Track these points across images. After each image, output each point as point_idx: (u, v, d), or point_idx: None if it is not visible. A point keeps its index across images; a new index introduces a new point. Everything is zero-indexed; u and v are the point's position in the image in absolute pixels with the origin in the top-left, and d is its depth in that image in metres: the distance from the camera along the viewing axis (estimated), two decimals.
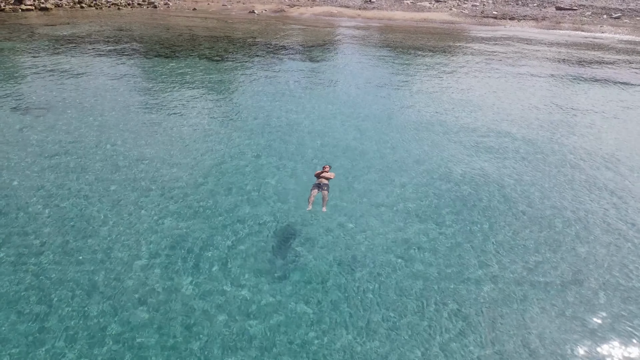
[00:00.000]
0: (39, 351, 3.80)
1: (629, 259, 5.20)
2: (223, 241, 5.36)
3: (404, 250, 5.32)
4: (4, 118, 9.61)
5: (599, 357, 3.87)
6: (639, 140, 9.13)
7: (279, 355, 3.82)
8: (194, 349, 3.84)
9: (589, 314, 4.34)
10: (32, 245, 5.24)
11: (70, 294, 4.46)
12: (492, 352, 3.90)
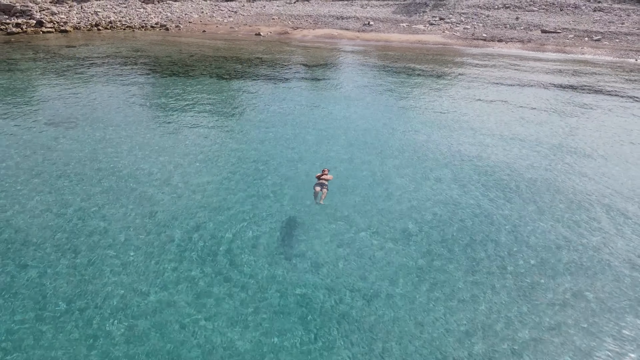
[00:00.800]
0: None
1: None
2: (258, 220, 6.48)
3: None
4: (41, 130, 10.79)
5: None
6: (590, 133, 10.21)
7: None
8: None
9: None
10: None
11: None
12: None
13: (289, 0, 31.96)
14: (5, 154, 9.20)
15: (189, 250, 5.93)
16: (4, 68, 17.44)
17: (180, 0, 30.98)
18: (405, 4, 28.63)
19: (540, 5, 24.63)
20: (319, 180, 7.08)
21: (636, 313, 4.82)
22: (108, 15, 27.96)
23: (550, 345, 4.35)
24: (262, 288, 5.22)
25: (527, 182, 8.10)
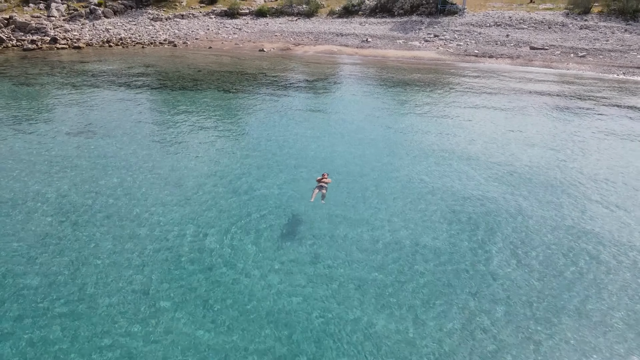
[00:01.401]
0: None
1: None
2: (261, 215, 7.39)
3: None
4: (64, 139, 11.75)
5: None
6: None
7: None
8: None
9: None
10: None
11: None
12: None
13: (291, 17, 33.29)
14: (37, 159, 10.16)
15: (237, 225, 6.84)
16: (23, 82, 18.52)
17: (187, 18, 32.31)
18: (402, 21, 29.88)
19: (529, 23, 25.82)
20: (319, 183, 7.99)
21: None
22: (119, 32, 29.24)
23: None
24: (271, 258, 6.13)
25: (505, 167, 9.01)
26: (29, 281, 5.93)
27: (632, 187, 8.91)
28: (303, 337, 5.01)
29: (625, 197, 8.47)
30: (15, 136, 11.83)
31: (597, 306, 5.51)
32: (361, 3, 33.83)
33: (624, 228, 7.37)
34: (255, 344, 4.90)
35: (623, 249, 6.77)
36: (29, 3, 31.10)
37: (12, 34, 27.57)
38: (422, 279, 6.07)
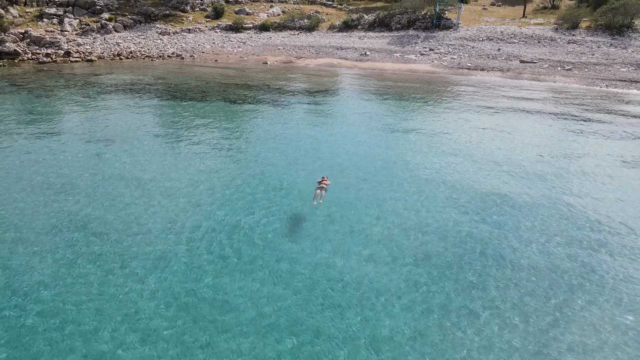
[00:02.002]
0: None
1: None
2: (269, 214, 8.41)
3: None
4: (84, 146, 12.80)
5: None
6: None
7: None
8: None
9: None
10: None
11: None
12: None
13: (293, 31, 34.60)
14: (62, 166, 11.20)
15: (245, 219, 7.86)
16: (42, 94, 19.65)
17: (193, 32, 33.63)
18: (399, 35, 31.14)
19: (520, 38, 27.01)
20: (319, 184, 9.01)
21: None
22: (128, 46, 30.53)
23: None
24: (277, 250, 7.12)
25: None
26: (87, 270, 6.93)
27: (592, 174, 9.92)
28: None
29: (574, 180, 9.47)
30: (40, 144, 12.89)
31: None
32: (360, 18, 35.20)
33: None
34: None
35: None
36: (42, 18, 32.48)
37: (27, 47, 28.86)
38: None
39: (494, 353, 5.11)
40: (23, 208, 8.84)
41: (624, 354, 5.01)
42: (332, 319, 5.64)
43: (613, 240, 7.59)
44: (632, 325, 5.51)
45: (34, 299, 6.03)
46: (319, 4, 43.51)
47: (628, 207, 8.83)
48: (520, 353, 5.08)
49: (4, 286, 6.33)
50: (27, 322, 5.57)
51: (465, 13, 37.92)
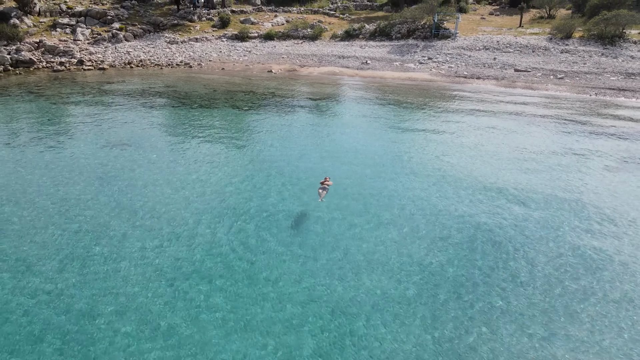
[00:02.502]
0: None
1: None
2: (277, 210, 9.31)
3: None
4: (101, 150, 13.77)
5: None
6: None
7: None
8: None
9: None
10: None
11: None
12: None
13: (297, 40, 35.71)
14: (83, 167, 12.18)
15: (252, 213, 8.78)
16: (59, 101, 20.69)
17: (200, 41, 34.78)
18: (399, 45, 32.17)
19: (515, 47, 27.96)
20: (322, 184, 9.93)
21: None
22: (138, 54, 31.67)
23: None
24: (284, 243, 8.02)
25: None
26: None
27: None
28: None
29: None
30: (62, 148, 13.87)
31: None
32: (362, 27, 36.29)
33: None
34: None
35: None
36: (56, 28, 33.70)
37: (42, 56, 30.02)
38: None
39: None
40: (74, 194, 9.84)
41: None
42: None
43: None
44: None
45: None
46: (321, 13, 44.69)
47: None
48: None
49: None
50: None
51: (464, 22, 38.96)
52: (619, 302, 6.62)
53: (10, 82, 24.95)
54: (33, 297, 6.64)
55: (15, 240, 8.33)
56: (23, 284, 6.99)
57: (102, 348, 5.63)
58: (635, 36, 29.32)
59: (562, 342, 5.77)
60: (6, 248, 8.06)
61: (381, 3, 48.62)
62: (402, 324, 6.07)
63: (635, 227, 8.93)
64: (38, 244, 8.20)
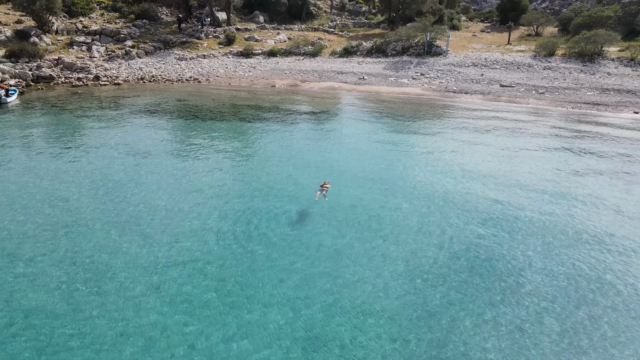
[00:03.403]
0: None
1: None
2: (280, 211, 11.02)
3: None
4: (126, 158, 15.51)
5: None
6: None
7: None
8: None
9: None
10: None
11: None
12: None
13: (298, 57, 37.77)
14: (112, 172, 13.92)
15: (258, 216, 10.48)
16: (82, 114, 22.50)
17: (208, 58, 36.84)
18: (394, 61, 34.17)
19: (502, 64, 29.89)
20: (322, 187, 11.66)
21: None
22: (150, 70, 33.67)
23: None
24: (288, 237, 9.70)
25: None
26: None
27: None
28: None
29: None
30: (89, 156, 15.63)
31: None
32: (359, 45, 38.38)
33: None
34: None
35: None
36: (73, 45, 35.79)
37: (61, 72, 31.99)
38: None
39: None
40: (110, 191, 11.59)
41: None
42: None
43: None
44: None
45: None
46: (321, 31, 46.91)
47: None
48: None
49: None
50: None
51: (456, 39, 41.11)
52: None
53: (34, 97, 26.83)
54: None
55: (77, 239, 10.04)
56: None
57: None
58: (614, 53, 31.29)
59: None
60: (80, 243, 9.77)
61: (378, 21, 50.96)
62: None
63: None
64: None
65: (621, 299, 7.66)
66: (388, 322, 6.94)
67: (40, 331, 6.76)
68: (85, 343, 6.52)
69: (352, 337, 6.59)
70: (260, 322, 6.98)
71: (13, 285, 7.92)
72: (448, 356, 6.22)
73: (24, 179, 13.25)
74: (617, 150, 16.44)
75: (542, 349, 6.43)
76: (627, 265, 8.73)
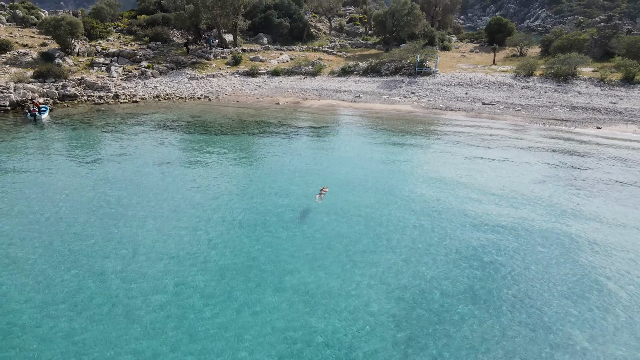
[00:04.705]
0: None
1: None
2: (284, 210, 13.57)
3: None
4: (152, 167, 18.07)
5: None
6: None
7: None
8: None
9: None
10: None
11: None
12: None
13: (300, 76, 40.66)
14: (144, 182, 16.47)
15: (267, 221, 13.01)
16: (108, 129, 25.14)
17: (217, 77, 39.74)
18: (387, 80, 37.01)
19: (485, 83, 32.66)
20: (321, 191, 14.22)
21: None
22: (164, 89, 36.51)
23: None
24: (293, 231, 12.21)
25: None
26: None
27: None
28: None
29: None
30: (120, 166, 18.20)
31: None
32: (356, 65, 41.32)
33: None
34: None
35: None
36: (93, 66, 38.71)
37: (83, 91, 34.82)
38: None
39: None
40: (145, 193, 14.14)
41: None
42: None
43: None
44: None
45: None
46: (321, 51, 49.98)
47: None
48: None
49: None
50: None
51: (446, 59, 44.08)
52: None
53: (62, 113, 29.56)
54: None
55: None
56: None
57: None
58: (588, 74, 34.10)
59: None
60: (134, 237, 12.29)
61: (374, 42, 54.11)
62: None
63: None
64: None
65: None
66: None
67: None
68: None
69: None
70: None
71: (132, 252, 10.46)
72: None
73: (80, 183, 15.86)
74: (574, 161, 19.00)
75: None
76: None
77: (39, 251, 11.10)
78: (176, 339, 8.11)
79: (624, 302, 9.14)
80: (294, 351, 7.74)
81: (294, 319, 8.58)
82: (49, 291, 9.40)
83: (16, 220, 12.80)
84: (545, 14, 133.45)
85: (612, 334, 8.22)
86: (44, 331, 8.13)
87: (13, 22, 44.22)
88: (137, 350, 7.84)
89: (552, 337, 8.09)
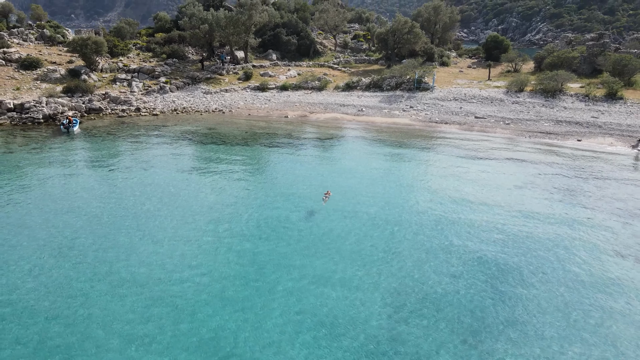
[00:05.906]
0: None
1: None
2: (292, 214, 15.98)
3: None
4: (178, 174, 20.57)
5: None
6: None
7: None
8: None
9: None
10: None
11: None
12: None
13: (307, 91, 43.32)
14: (168, 186, 18.97)
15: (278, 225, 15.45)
16: (134, 141, 27.74)
17: (230, 92, 42.50)
18: (388, 95, 39.50)
19: (478, 98, 35.00)
20: (325, 195, 16.60)
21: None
22: (182, 103, 39.27)
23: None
24: (302, 229, 14.58)
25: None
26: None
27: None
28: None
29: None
30: (148, 174, 20.71)
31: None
32: (359, 81, 43.92)
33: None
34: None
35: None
36: (115, 82, 41.67)
37: (107, 104, 37.68)
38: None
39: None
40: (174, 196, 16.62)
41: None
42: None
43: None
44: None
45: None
46: (327, 67, 52.73)
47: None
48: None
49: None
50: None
51: (444, 75, 46.54)
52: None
53: (90, 125, 32.32)
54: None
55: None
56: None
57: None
58: (575, 90, 36.32)
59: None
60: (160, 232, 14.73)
61: (377, 58, 56.86)
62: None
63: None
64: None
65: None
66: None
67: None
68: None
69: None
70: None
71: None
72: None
73: (115, 185, 18.40)
74: (552, 169, 21.22)
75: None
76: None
77: (107, 243, 13.55)
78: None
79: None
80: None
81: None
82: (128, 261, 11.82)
83: (75, 214, 15.35)
84: (546, 28, 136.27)
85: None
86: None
87: (41, 41, 47.48)
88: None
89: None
